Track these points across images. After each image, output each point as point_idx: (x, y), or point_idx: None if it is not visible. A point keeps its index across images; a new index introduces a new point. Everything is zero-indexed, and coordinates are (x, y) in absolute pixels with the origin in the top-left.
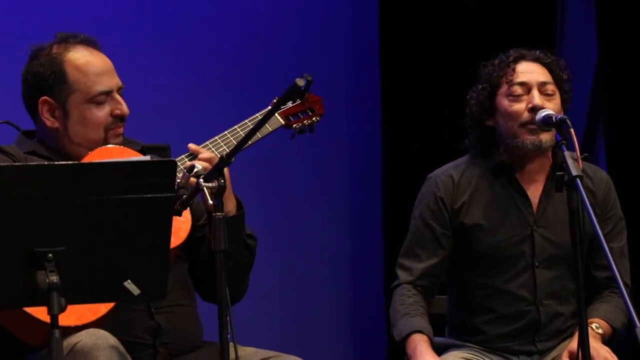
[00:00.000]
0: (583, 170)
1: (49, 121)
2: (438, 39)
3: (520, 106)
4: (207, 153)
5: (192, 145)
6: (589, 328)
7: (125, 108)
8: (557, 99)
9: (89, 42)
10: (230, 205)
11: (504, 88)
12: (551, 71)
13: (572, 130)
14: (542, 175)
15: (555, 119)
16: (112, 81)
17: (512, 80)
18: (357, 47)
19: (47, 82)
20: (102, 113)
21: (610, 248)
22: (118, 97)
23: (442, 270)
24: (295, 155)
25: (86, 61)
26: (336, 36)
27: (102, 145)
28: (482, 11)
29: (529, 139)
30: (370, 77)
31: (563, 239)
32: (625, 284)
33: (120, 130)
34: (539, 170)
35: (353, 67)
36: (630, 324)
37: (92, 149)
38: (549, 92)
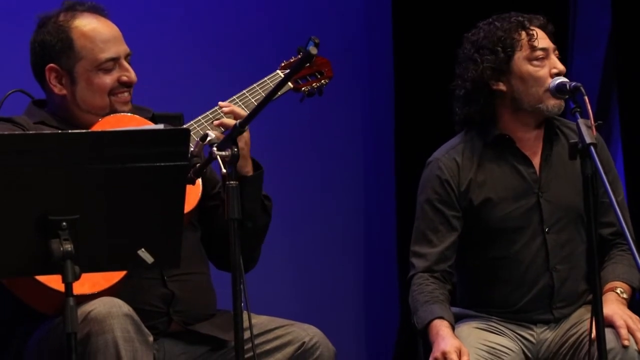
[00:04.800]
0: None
1: (57, 88)
2: (452, 7)
3: (545, 71)
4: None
5: (222, 103)
6: (614, 293)
7: (132, 75)
8: None
9: (96, 10)
10: (247, 166)
11: (525, 52)
12: (550, 36)
13: (586, 97)
14: (538, 142)
15: (569, 86)
16: (120, 48)
17: (535, 46)
18: (370, 19)
19: (54, 49)
20: (109, 79)
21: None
22: (125, 64)
23: (456, 251)
24: (308, 126)
25: (93, 28)
26: (349, 7)
27: (109, 112)
28: None
29: (555, 103)
30: (383, 51)
31: (568, 201)
32: (633, 240)
33: (126, 96)
34: (536, 138)
35: (366, 41)
36: None
37: (100, 115)
38: (558, 57)
